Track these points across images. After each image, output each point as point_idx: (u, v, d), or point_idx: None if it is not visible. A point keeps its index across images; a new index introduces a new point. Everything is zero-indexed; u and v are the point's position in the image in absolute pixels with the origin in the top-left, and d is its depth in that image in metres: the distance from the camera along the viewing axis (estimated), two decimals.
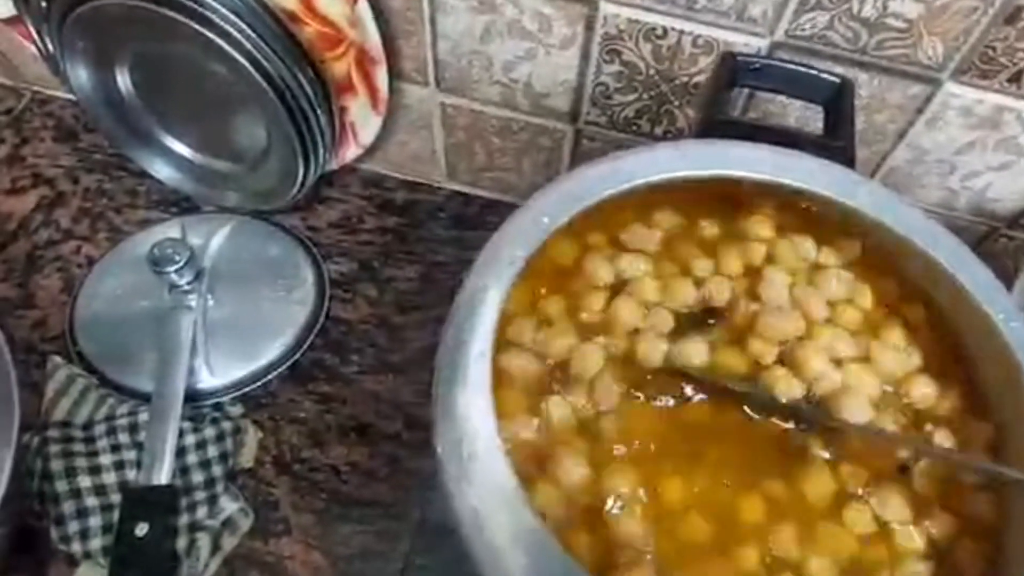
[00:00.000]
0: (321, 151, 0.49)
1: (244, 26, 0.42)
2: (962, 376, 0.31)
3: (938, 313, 0.32)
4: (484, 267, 0.27)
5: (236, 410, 0.46)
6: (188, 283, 0.47)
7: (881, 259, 0.33)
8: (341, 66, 0.47)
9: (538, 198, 0.29)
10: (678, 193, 0.31)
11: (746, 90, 0.44)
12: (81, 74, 0.49)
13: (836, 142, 0.34)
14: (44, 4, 0.45)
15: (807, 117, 0.44)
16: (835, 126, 0.35)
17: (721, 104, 0.35)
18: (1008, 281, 0.42)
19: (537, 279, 0.29)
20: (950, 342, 0.31)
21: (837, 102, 0.36)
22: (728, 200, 0.33)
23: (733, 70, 0.36)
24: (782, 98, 0.44)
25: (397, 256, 0.54)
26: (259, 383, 0.48)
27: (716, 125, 0.34)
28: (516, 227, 0.28)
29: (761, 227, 0.33)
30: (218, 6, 0.42)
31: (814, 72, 0.37)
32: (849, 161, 0.33)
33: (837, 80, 0.36)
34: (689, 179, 0.30)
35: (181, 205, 0.56)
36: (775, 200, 0.32)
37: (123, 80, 0.50)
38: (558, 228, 0.28)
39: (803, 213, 0.33)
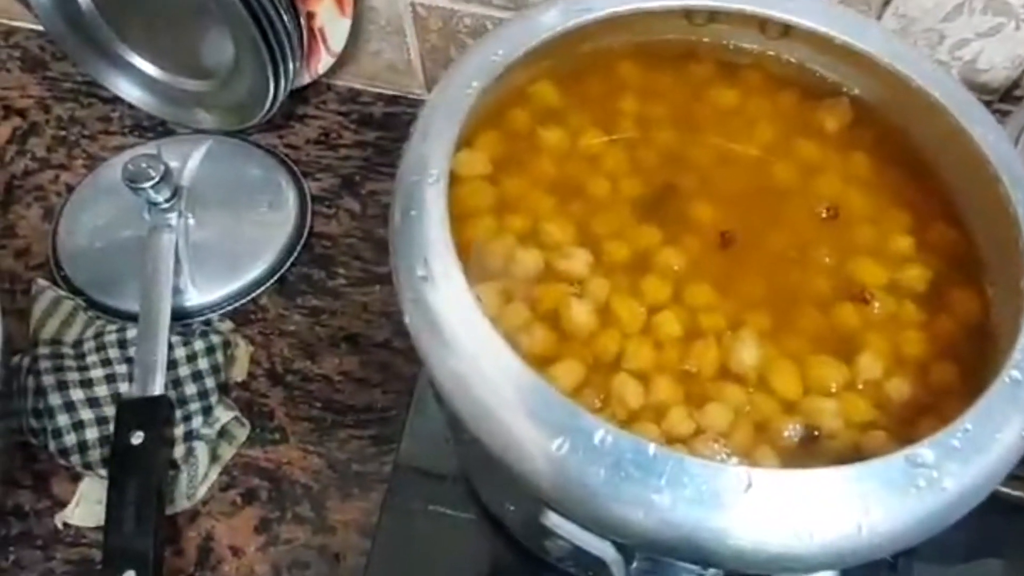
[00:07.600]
0: (290, 59, 0.47)
1: None
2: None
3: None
4: (438, 98, 0.26)
5: (226, 326, 0.46)
6: (166, 200, 0.47)
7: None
8: None
9: (495, 33, 0.28)
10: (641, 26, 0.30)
11: None
12: None
13: None
14: None
15: None
16: None
17: None
18: None
19: (495, 116, 0.28)
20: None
21: None
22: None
23: None
24: None
25: (378, 170, 0.54)
26: (247, 298, 0.48)
27: None
28: (473, 58, 0.27)
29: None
30: None
31: None
32: None
33: None
34: (649, 11, 0.29)
35: (156, 130, 0.55)
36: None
37: None
38: (514, 61, 0.27)
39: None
